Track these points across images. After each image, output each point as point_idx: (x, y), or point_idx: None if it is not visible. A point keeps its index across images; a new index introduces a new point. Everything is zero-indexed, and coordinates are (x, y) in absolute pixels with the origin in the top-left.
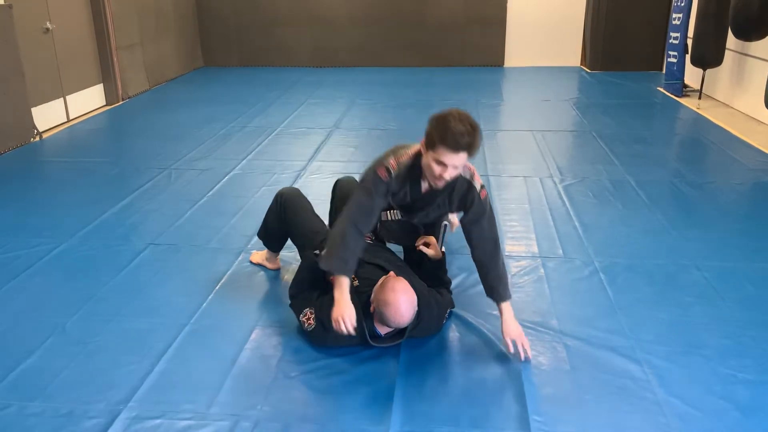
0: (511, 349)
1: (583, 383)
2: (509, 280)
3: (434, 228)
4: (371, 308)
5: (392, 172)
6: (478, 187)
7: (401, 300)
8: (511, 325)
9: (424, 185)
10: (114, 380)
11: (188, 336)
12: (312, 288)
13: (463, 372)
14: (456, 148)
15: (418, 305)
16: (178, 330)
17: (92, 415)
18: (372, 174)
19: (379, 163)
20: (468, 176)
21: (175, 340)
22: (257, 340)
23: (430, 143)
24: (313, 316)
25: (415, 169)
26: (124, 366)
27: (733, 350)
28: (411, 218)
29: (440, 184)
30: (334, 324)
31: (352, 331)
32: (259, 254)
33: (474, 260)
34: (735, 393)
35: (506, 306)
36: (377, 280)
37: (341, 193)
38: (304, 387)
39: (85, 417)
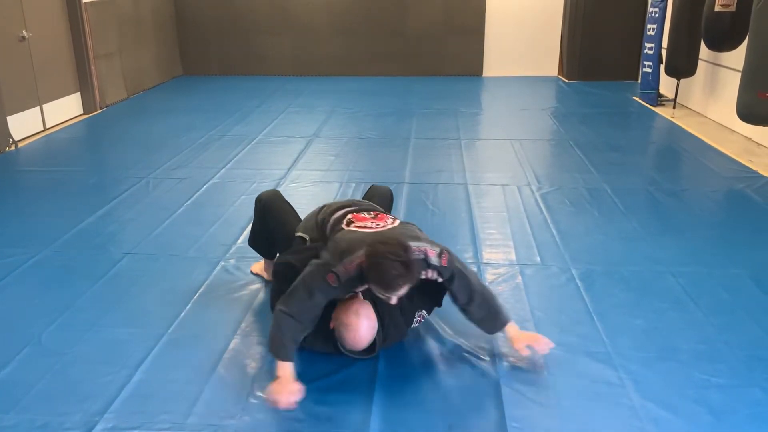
0: (526, 351)
1: (560, 389)
2: (500, 305)
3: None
4: (330, 325)
5: (341, 278)
6: (437, 262)
7: (363, 325)
8: (520, 337)
9: None
10: (90, 391)
11: (166, 346)
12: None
13: (441, 379)
14: (394, 289)
15: (382, 315)
16: (155, 340)
17: (68, 427)
18: (319, 276)
19: (326, 266)
20: (423, 264)
21: (152, 350)
22: (235, 349)
23: (368, 279)
24: None
25: (363, 279)
26: (100, 377)
27: (707, 355)
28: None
29: (394, 303)
30: (268, 399)
31: (290, 407)
32: (258, 265)
33: (473, 321)
34: (708, 397)
35: (509, 327)
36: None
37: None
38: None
39: (61, 429)
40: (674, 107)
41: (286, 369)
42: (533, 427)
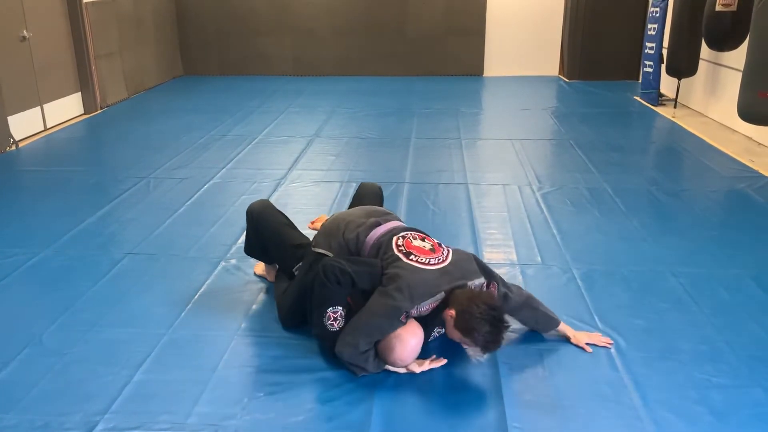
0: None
1: (561, 389)
2: (547, 309)
3: None
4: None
5: (410, 315)
6: (493, 290)
7: (413, 344)
8: (577, 336)
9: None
10: (91, 391)
11: (166, 346)
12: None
13: (442, 378)
14: (485, 350)
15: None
16: (156, 340)
17: (68, 427)
18: (393, 317)
19: (399, 309)
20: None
21: (153, 351)
22: (236, 349)
23: (462, 331)
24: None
25: (437, 316)
26: (101, 377)
27: (708, 355)
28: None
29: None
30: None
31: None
32: (261, 266)
33: (519, 316)
34: (710, 398)
35: (562, 327)
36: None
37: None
38: (283, 397)
39: (62, 429)
40: (675, 107)
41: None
42: (534, 428)
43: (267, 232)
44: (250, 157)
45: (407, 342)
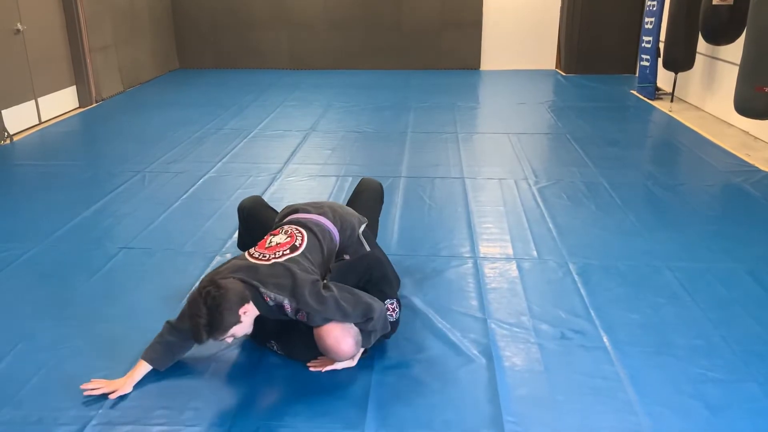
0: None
1: (557, 384)
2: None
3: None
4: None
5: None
6: (292, 315)
7: (334, 341)
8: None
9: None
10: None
11: None
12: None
13: (436, 375)
14: (201, 341)
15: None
16: (151, 334)
17: (63, 422)
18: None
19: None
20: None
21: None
22: (231, 345)
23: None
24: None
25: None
26: (96, 371)
27: (703, 350)
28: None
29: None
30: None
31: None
32: None
33: None
34: (705, 392)
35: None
36: None
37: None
38: (279, 392)
39: (56, 424)
40: (672, 101)
41: (136, 372)
42: (529, 422)
43: (257, 228)
44: (245, 151)
45: (335, 348)
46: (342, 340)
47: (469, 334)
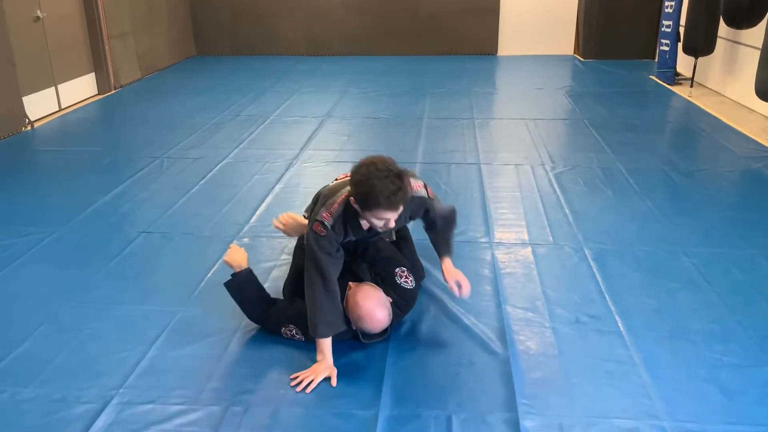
0: (455, 289)
1: (571, 367)
2: (452, 239)
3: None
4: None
5: (327, 223)
6: (425, 194)
7: (370, 308)
8: (450, 269)
9: (365, 223)
10: (106, 366)
11: (180, 323)
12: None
13: (451, 357)
14: (391, 207)
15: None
16: (170, 317)
17: (84, 401)
18: (311, 234)
19: (312, 220)
20: (415, 194)
21: (167, 327)
22: (248, 326)
23: (363, 206)
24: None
25: (348, 213)
26: (116, 353)
27: (718, 335)
28: (366, 246)
29: (392, 226)
30: (300, 379)
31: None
32: (288, 219)
33: (428, 234)
34: (719, 377)
35: (446, 259)
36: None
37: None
38: (294, 372)
39: (78, 402)
40: (692, 86)
41: (326, 349)
42: (543, 405)
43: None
44: (262, 137)
45: (367, 313)
46: (378, 308)
47: (483, 318)
